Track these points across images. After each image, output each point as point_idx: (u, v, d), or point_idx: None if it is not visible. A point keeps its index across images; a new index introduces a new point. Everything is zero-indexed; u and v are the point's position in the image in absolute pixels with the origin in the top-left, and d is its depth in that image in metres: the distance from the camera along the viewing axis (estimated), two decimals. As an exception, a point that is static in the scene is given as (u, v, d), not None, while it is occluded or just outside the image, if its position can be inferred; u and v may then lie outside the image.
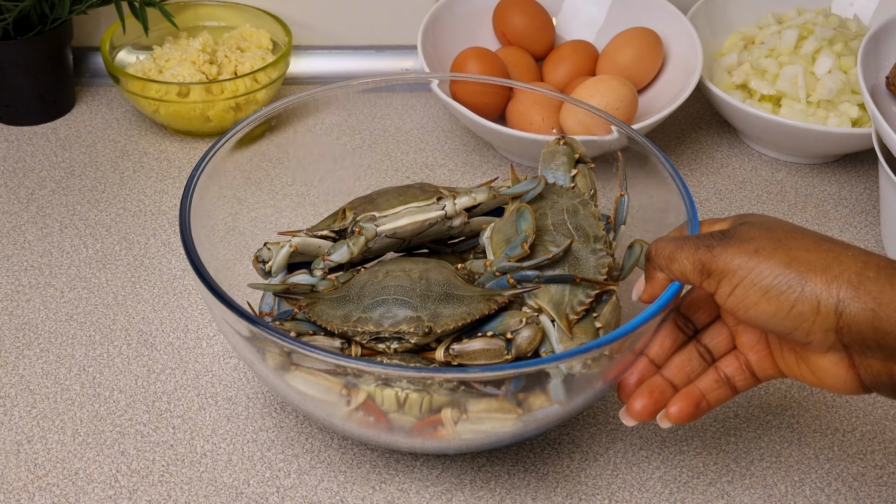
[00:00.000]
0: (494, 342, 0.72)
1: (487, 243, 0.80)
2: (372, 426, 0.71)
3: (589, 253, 0.77)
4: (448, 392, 0.68)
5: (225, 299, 0.68)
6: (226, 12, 1.16)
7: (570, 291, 0.74)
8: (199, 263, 0.71)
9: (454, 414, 0.69)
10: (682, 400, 0.69)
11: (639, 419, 0.70)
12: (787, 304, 0.60)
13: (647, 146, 0.81)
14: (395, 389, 0.68)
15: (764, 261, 0.61)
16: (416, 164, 1.06)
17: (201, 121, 1.07)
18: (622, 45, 1.09)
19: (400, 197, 0.81)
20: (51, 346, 0.86)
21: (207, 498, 0.76)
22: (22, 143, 1.08)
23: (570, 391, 0.69)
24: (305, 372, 0.69)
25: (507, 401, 0.69)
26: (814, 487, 0.78)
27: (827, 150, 1.07)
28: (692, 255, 0.64)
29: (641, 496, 0.77)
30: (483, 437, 0.71)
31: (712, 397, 0.69)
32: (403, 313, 0.72)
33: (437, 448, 0.74)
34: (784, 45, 1.09)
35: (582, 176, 0.83)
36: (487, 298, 0.74)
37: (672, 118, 1.15)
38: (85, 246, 0.96)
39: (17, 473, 0.77)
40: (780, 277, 0.60)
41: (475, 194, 0.81)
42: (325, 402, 0.70)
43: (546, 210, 0.79)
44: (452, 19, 1.13)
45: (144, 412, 0.81)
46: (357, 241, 0.78)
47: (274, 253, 0.80)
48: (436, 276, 0.75)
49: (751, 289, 0.61)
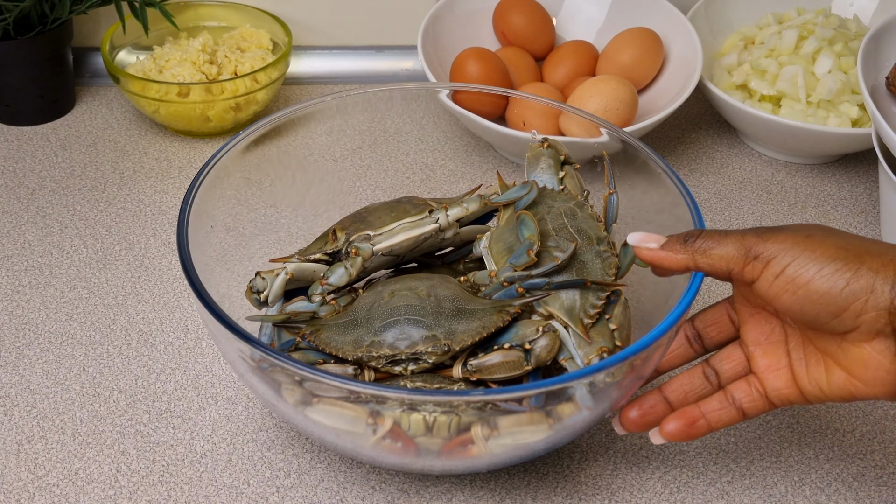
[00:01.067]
0: (513, 354, 0.70)
1: (486, 253, 0.78)
2: (400, 452, 0.69)
3: (594, 255, 0.76)
4: (476, 412, 0.66)
5: (242, 334, 0.65)
6: (226, 12, 1.16)
7: (581, 296, 0.73)
8: (209, 300, 0.68)
9: (485, 431, 0.67)
10: (677, 419, 0.68)
11: (629, 430, 0.70)
12: (842, 281, 0.59)
13: (645, 151, 0.80)
14: (422, 413, 0.66)
15: (818, 243, 0.60)
16: (417, 165, 1.06)
17: (201, 121, 1.07)
18: (622, 46, 1.09)
19: (392, 213, 0.79)
20: (51, 346, 0.86)
21: (207, 498, 0.76)
22: (22, 143, 1.08)
23: (598, 396, 0.67)
24: (327, 404, 0.67)
25: (536, 413, 0.67)
26: (814, 487, 0.78)
27: (827, 150, 1.07)
28: (739, 239, 0.62)
29: (641, 496, 0.77)
30: (515, 451, 0.70)
31: (714, 418, 0.68)
32: (419, 333, 0.70)
33: (468, 467, 0.73)
34: (784, 45, 1.09)
35: (570, 177, 0.82)
36: (499, 310, 0.72)
37: (672, 118, 1.15)
38: (85, 246, 0.96)
39: (17, 473, 0.77)
40: (835, 256, 0.59)
41: (467, 204, 0.79)
42: (351, 432, 0.68)
43: (544, 215, 0.78)
44: (452, 19, 1.13)
45: (144, 412, 0.81)
46: (354, 262, 0.76)
47: (269, 282, 0.77)
48: (444, 292, 0.73)
49: (803, 267, 0.60)
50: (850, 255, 0.59)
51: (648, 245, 0.67)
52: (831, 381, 0.64)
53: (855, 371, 0.62)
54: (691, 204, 0.75)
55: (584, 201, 0.81)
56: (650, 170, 0.80)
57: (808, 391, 0.65)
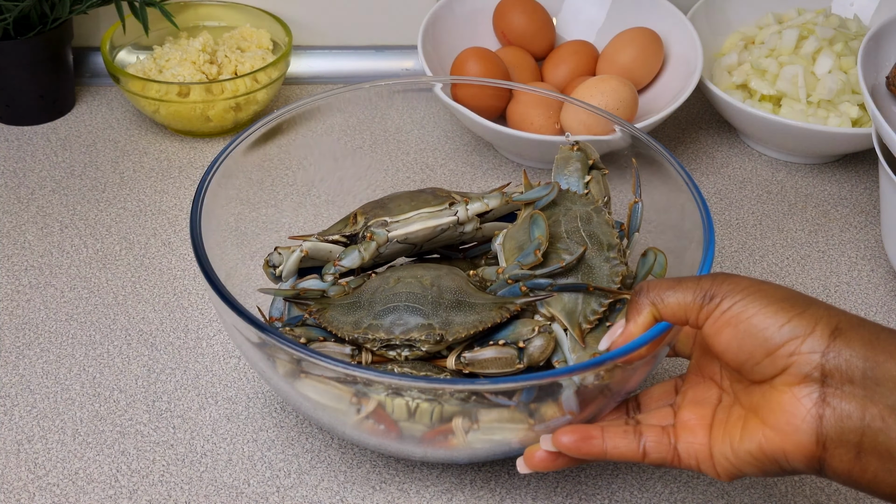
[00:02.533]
0: (506, 351, 0.71)
1: (500, 250, 0.79)
2: (382, 434, 0.70)
3: (602, 261, 0.76)
4: (459, 402, 0.67)
5: (236, 307, 0.68)
6: (226, 12, 1.16)
7: (584, 300, 0.73)
8: (210, 271, 0.71)
9: (465, 423, 0.68)
10: (574, 431, 0.66)
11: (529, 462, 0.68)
12: (784, 318, 0.59)
13: (654, 145, 0.81)
14: (405, 398, 0.67)
15: (772, 289, 0.60)
16: (417, 165, 1.06)
17: (201, 121, 1.07)
18: (622, 46, 1.09)
19: (412, 202, 0.80)
20: (51, 346, 0.86)
21: (207, 498, 0.76)
22: (22, 143, 1.08)
23: (583, 402, 0.67)
24: (315, 380, 0.68)
25: (518, 411, 0.67)
26: (814, 487, 0.78)
27: (827, 150, 1.07)
28: (695, 283, 0.62)
29: (641, 496, 0.77)
30: (494, 447, 0.70)
31: (611, 444, 0.65)
32: (415, 320, 0.72)
33: (447, 457, 0.74)
34: (784, 45, 1.09)
35: (595, 182, 0.82)
36: (499, 306, 0.73)
37: (672, 118, 1.15)
38: (85, 246, 0.96)
39: (17, 473, 0.77)
40: (784, 298, 0.60)
41: (487, 200, 0.80)
42: (336, 409, 0.70)
43: (559, 217, 0.78)
44: (452, 19, 1.13)
45: (144, 412, 0.81)
46: (368, 246, 0.78)
47: (285, 257, 0.80)
48: (447, 284, 0.74)
49: (751, 305, 0.60)
50: (798, 301, 0.60)
51: (615, 339, 0.66)
52: (744, 435, 0.61)
53: (770, 417, 0.60)
54: (700, 200, 0.75)
55: (603, 207, 0.81)
56: (659, 165, 0.80)
57: (717, 449, 0.63)
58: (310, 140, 0.88)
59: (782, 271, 0.96)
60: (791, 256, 0.98)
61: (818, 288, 0.95)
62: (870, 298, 0.94)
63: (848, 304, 0.93)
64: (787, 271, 0.96)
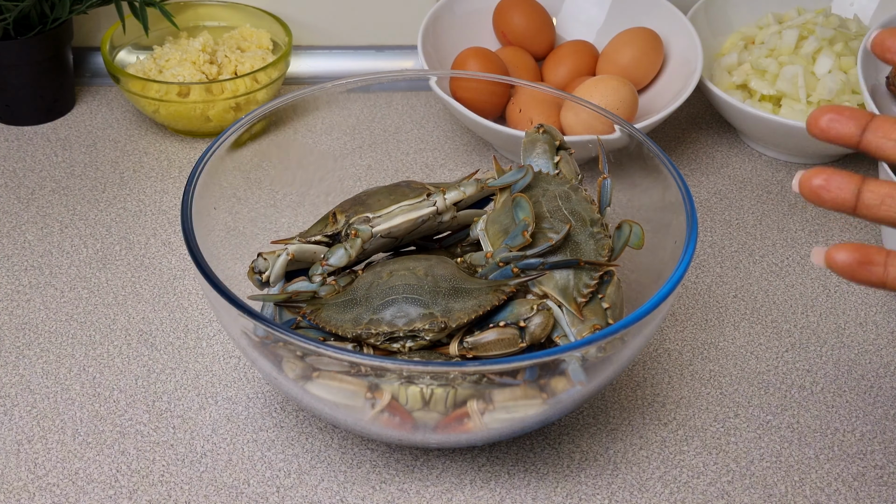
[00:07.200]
0: (508, 331, 0.72)
1: (483, 235, 0.80)
2: (398, 426, 0.71)
3: (588, 237, 0.78)
4: (472, 384, 0.68)
5: (250, 311, 0.68)
6: (226, 12, 1.16)
7: (575, 276, 0.76)
8: (211, 275, 0.70)
9: (480, 405, 0.70)
10: (853, 250, 0.55)
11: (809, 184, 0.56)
12: None
13: (649, 144, 0.81)
14: (419, 387, 0.69)
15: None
16: (417, 164, 1.06)
17: (201, 121, 1.07)
18: (622, 45, 1.09)
19: (390, 196, 0.81)
20: (51, 346, 0.86)
21: (207, 498, 0.76)
22: (22, 143, 1.08)
23: (590, 372, 0.70)
24: (328, 379, 0.69)
25: (530, 387, 0.69)
26: (814, 487, 0.78)
27: (827, 150, 1.07)
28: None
29: (641, 496, 0.77)
30: (511, 425, 0.72)
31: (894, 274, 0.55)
32: (416, 311, 0.73)
33: (466, 441, 0.75)
34: (784, 45, 1.09)
35: (565, 162, 0.85)
36: (495, 289, 0.74)
37: (672, 118, 1.15)
38: (85, 246, 0.96)
39: (17, 473, 0.77)
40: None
41: (464, 188, 0.81)
42: (351, 407, 0.70)
43: (539, 198, 0.80)
44: (452, 19, 1.13)
45: (144, 412, 0.81)
46: (354, 243, 0.79)
47: (270, 262, 0.79)
48: (441, 272, 0.76)
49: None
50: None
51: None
52: None
53: None
54: (687, 199, 0.76)
55: (579, 185, 0.83)
56: (652, 164, 0.81)
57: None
58: (308, 139, 0.88)
59: (782, 271, 0.96)
60: (791, 256, 0.98)
61: (818, 288, 0.95)
62: (870, 299, 0.94)
63: (848, 304, 0.93)
64: (787, 271, 0.96)
